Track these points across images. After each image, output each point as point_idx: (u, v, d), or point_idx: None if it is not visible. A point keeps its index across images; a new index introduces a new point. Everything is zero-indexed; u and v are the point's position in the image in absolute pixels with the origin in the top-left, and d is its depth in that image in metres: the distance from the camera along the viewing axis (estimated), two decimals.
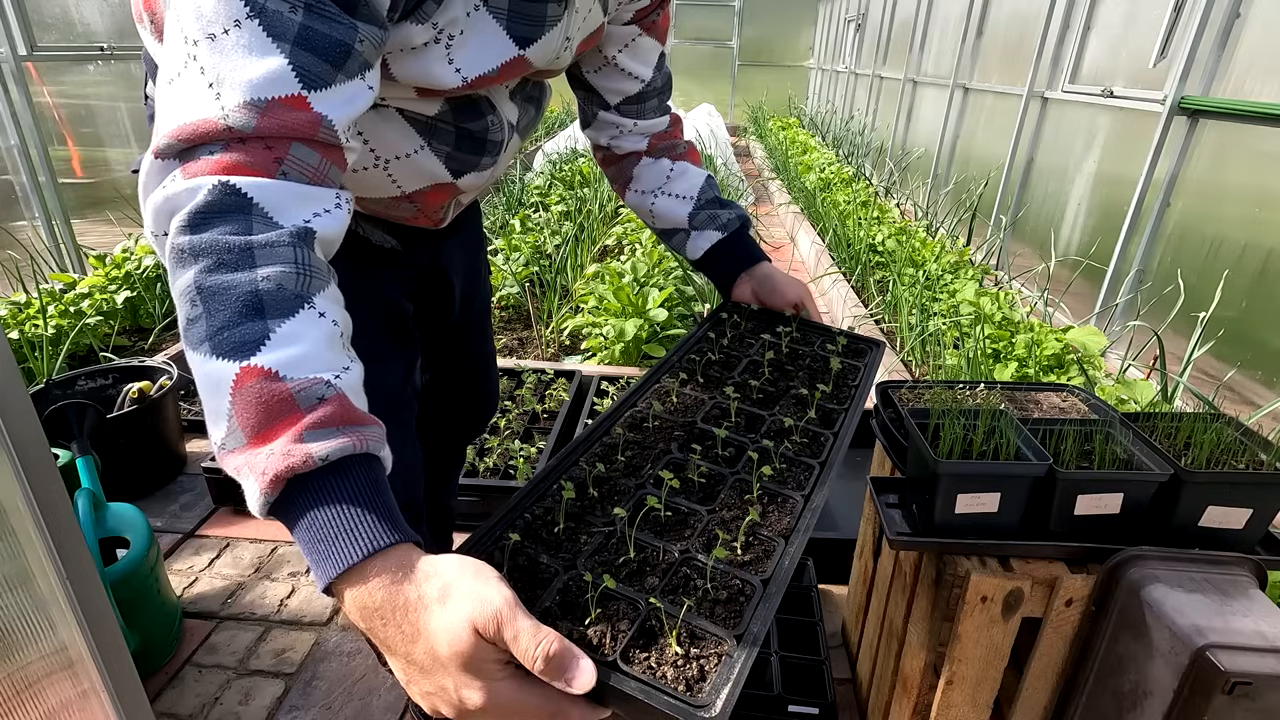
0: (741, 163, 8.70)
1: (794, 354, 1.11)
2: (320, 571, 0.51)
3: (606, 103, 1.14)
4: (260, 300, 0.53)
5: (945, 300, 3.27)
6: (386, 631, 0.51)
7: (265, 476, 0.50)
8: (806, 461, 0.85)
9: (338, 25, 0.60)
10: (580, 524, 0.73)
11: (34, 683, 0.86)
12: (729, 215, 1.17)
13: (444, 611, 0.50)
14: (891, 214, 4.95)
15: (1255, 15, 2.51)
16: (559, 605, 0.63)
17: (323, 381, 0.54)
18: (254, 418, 0.51)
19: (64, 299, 3.01)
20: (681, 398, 0.97)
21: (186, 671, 1.60)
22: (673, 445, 0.86)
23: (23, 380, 0.76)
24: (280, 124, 0.56)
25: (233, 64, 0.56)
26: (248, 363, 0.52)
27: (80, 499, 1.54)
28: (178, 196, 0.55)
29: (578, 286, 3.71)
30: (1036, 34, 3.98)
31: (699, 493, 0.79)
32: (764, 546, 0.71)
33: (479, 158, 0.94)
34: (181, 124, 0.55)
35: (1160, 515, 1.02)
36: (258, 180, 0.56)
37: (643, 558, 0.69)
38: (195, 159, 0.55)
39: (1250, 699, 0.83)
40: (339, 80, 0.60)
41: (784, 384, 1.02)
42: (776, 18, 12.10)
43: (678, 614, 0.61)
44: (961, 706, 1.11)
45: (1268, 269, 2.39)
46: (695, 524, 0.74)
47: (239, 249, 0.54)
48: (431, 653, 0.50)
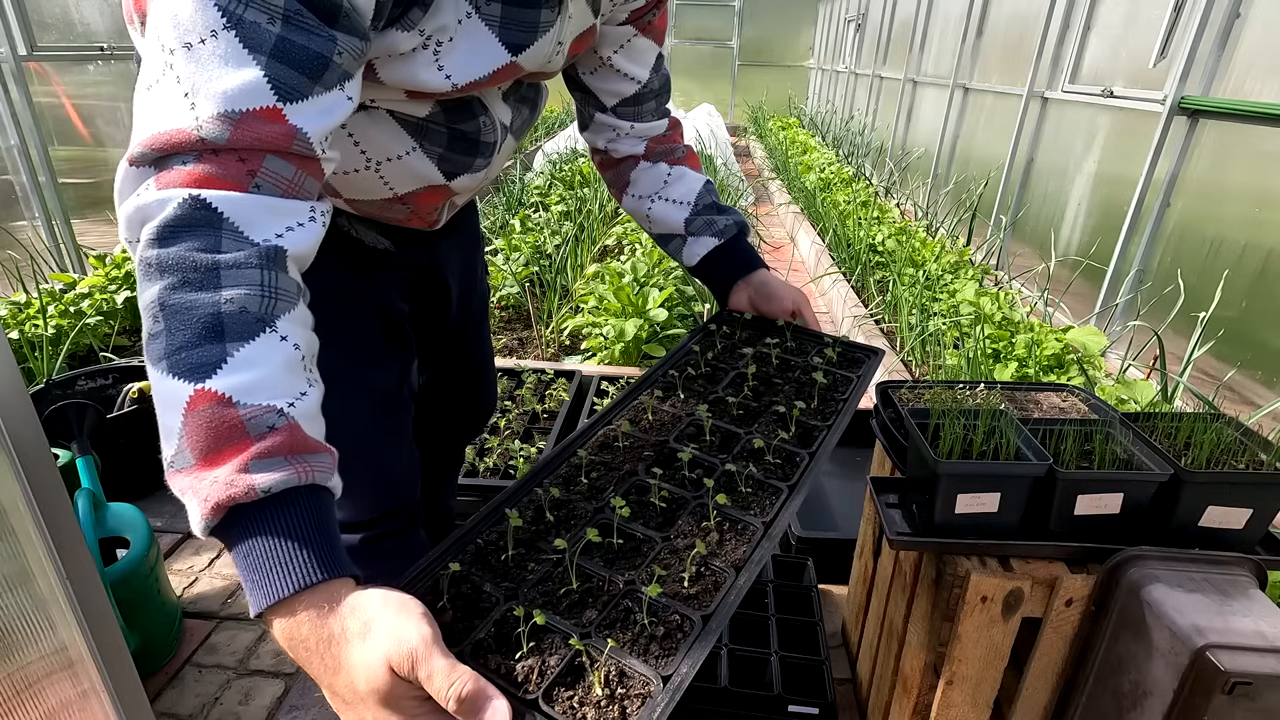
0: (741, 163, 8.70)
1: (784, 365, 1.08)
2: (252, 599, 0.52)
3: (603, 105, 1.13)
4: (221, 322, 0.54)
5: (945, 300, 3.27)
6: (311, 663, 0.52)
7: (207, 503, 0.51)
8: (775, 485, 0.82)
9: (316, 37, 0.59)
10: (531, 550, 0.72)
11: (34, 683, 0.86)
12: (726, 221, 1.15)
13: (363, 647, 0.50)
14: (891, 214, 4.96)
15: (1255, 15, 2.51)
16: (493, 637, 0.62)
17: (275, 410, 0.54)
18: (203, 441, 0.52)
19: (64, 299, 3.01)
20: (658, 414, 0.95)
21: (186, 671, 1.60)
22: (640, 466, 0.84)
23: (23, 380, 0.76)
24: (254, 136, 0.56)
25: (208, 74, 0.55)
26: (202, 386, 0.52)
27: (80, 499, 1.54)
28: (148, 207, 0.55)
29: (578, 286, 3.71)
30: (1036, 34, 3.98)
31: (659, 518, 0.77)
32: (714, 578, 0.69)
33: (472, 159, 0.93)
34: (155, 132, 0.55)
35: (1160, 515, 1.02)
36: (229, 194, 0.55)
37: (587, 588, 0.67)
38: (168, 169, 0.55)
39: (1250, 699, 0.83)
40: (316, 92, 0.60)
41: (768, 399, 0.99)
42: (776, 18, 12.10)
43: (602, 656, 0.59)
44: (961, 706, 1.11)
45: (1268, 269, 2.39)
46: (648, 552, 0.72)
47: (205, 268, 0.54)
48: (351, 687, 0.51)
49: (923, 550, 1.12)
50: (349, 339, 0.98)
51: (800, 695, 1.43)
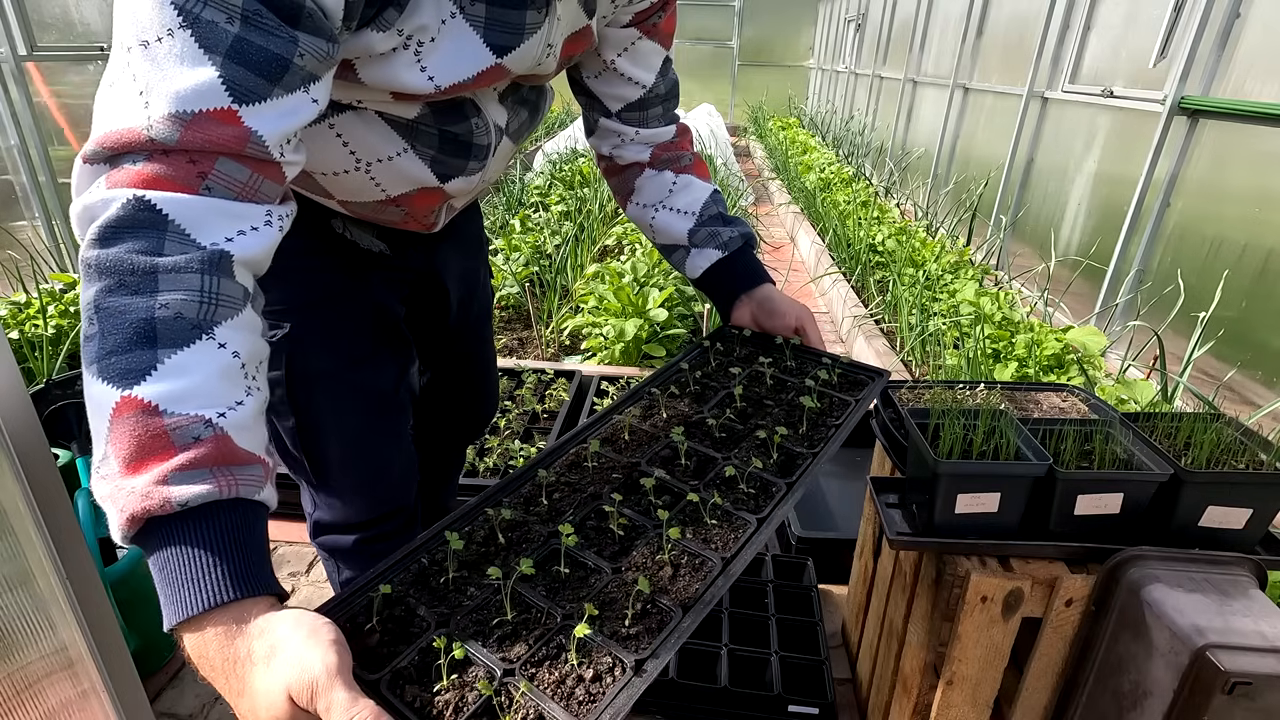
0: (741, 163, 8.70)
1: (779, 386, 1.04)
2: (165, 611, 0.52)
3: (608, 110, 1.10)
4: (154, 328, 0.53)
5: (945, 300, 3.27)
6: (217, 682, 0.52)
7: (123, 514, 0.51)
8: (743, 517, 0.78)
9: (275, 38, 0.58)
10: (475, 572, 0.69)
11: (34, 683, 0.86)
12: (731, 233, 1.12)
13: (266, 673, 0.50)
14: (891, 214, 4.95)
15: (1255, 15, 2.51)
16: (415, 666, 0.60)
17: (203, 420, 0.53)
18: (126, 449, 0.51)
19: (64, 299, 3.01)
20: (635, 434, 0.91)
21: (186, 671, 1.60)
22: (605, 489, 0.81)
23: (23, 380, 0.76)
24: (205, 138, 0.55)
25: (163, 73, 0.54)
26: (128, 392, 0.51)
27: (80, 499, 1.54)
28: (95, 206, 0.54)
29: (578, 286, 3.71)
30: (1036, 34, 3.98)
31: (614, 546, 0.73)
32: (659, 617, 0.65)
33: (465, 162, 0.91)
34: (108, 130, 0.54)
35: (1160, 515, 1.02)
36: (176, 196, 0.54)
37: (524, 619, 0.64)
38: (119, 167, 0.55)
39: (1250, 699, 0.83)
40: (275, 94, 0.58)
41: (754, 421, 0.95)
42: (776, 18, 12.10)
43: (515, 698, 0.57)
44: (961, 706, 1.11)
45: (1268, 269, 2.39)
46: (595, 583, 0.69)
47: (142, 271, 0.53)
48: (253, 711, 0.51)
49: (923, 550, 1.12)
50: (344, 341, 0.99)
51: (800, 695, 1.43)
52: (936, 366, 2.84)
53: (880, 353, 3.11)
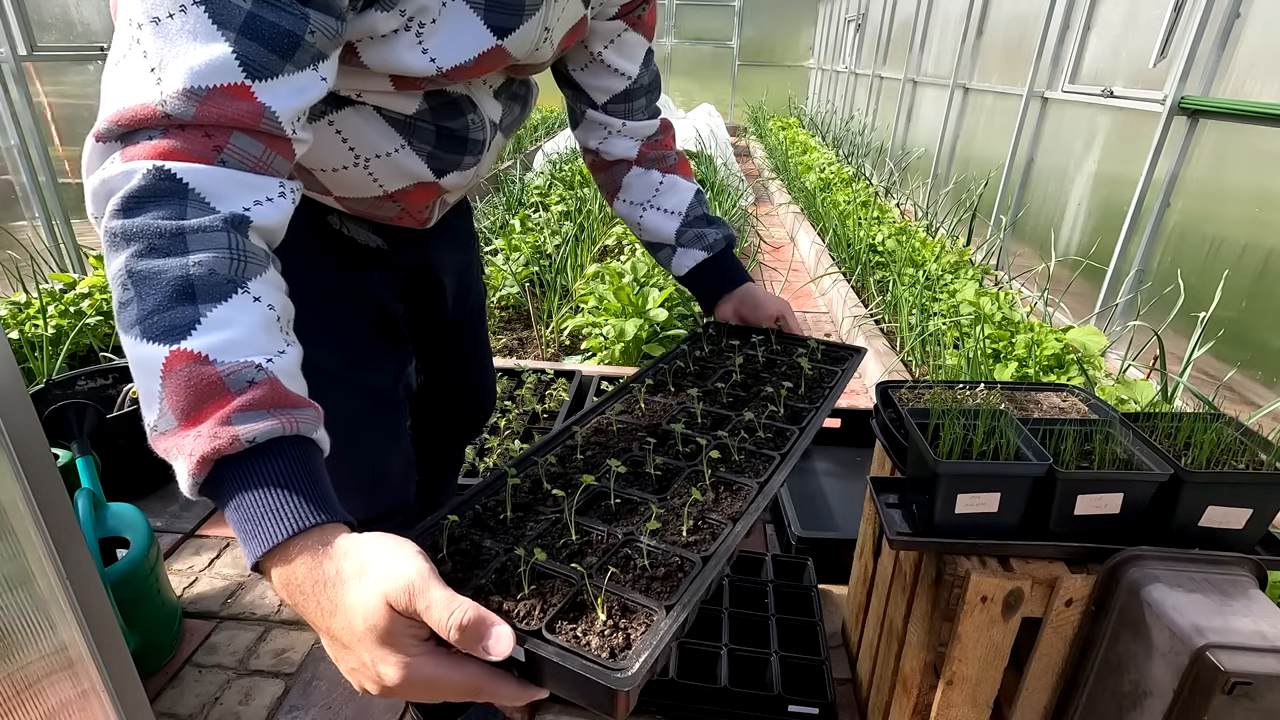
0: (741, 163, 8.70)
1: (771, 363, 1.12)
2: (248, 550, 0.52)
3: (594, 101, 1.13)
4: (191, 285, 0.53)
5: (945, 300, 3.27)
6: (308, 607, 0.52)
7: (192, 458, 0.51)
8: (767, 453, 0.86)
9: (288, 15, 0.58)
10: (530, 513, 0.73)
11: (34, 683, 0.86)
12: (716, 235, 1.17)
13: (360, 586, 0.50)
14: (891, 214, 4.96)
15: (1255, 15, 2.51)
16: (494, 583, 0.63)
17: (253, 365, 0.54)
18: (183, 401, 0.52)
19: (64, 299, 3.01)
20: (650, 405, 0.97)
21: (186, 671, 1.60)
22: (634, 445, 0.87)
23: (23, 380, 0.76)
24: (220, 113, 0.56)
25: (176, 49, 0.55)
26: (177, 346, 0.52)
27: (80, 499, 1.54)
28: (113, 179, 0.54)
29: (578, 286, 3.71)
30: (1036, 34, 3.98)
31: (654, 484, 0.79)
32: (711, 529, 0.72)
33: (461, 156, 0.93)
34: (121, 108, 0.55)
35: (1160, 515, 1.02)
36: (195, 166, 0.55)
37: (586, 540, 0.69)
38: (134, 143, 0.55)
39: (1250, 699, 0.83)
40: (287, 71, 0.59)
41: (756, 388, 1.02)
42: (776, 18, 12.10)
43: (603, 585, 0.61)
44: (961, 706, 1.11)
45: (1268, 269, 2.39)
46: (644, 511, 0.74)
47: (170, 233, 0.54)
48: (348, 628, 0.50)
49: (923, 550, 1.12)
50: (343, 339, 0.98)
51: (800, 695, 1.43)
52: (936, 366, 2.84)
53: (880, 353, 3.11)
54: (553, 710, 1.49)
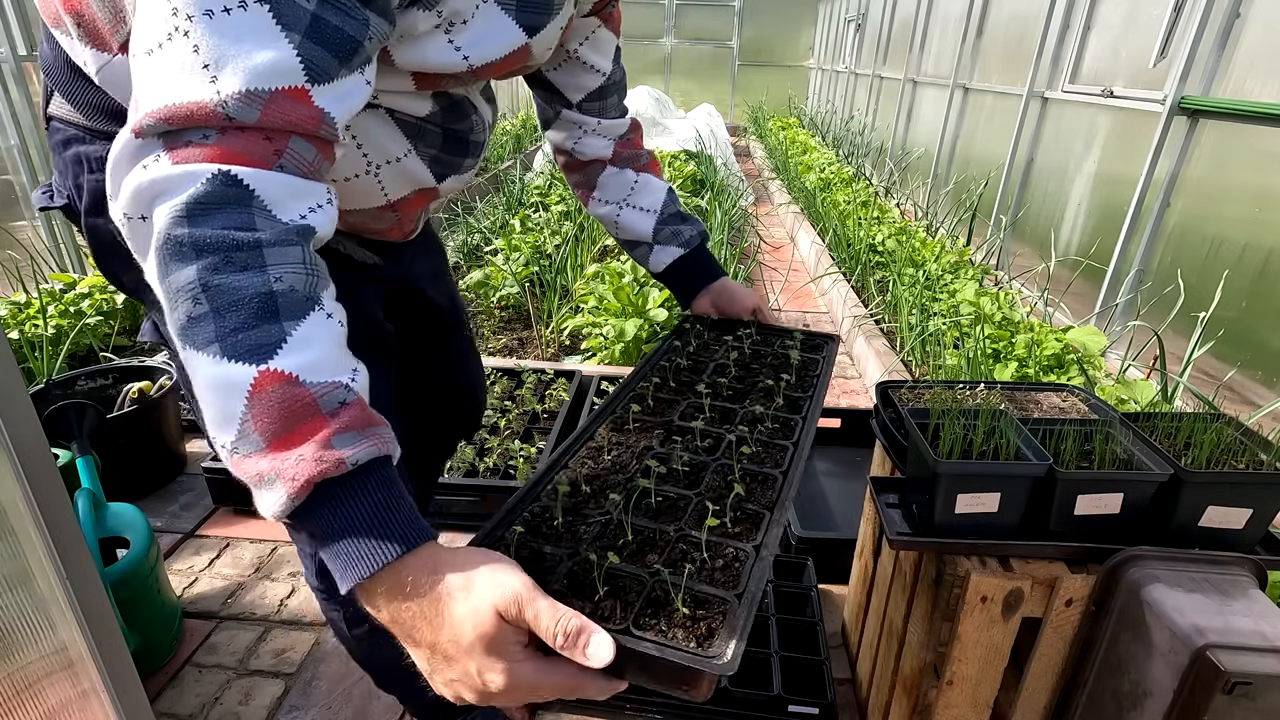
0: (741, 163, 8.70)
1: (756, 354, 1.16)
2: (352, 572, 0.52)
3: (569, 100, 1.15)
4: (275, 301, 0.52)
5: (945, 300, 3.27)
6: (415, 623, 0.53)
7: (295, 482, 0.50)
8: (780, 443, 0.90)
9: (351, 19, 0.57)
10: (577, 517, 0.75)
11: (34, 683, 0.86)
12: (691, 232, 1.21)
13: (468, 599, 0.52)
14: (891, 214, 4.96)
15: (1255, 15, 2.51)
16: (567, 588, 0.64)
17: (342, 386, 0.53)
18: (275, 423, 0.51)
19: (64, 299, 3.01)
20: (658, 401, 1.00)
21: (186, 671, 1.60)
22: (654, 442, 0.90)
23: (23, 380, 0.76)
24: (283, 117, 0.54)
25: (236, 48, 0.52)
26: (266, 366, 0.51)
27: (80, 499, 1.54)
28: (166, 181, 0.51)
29: (578, 286, 3.71)
30: (1036, 34, 3.98)
31: (685, 480, 0.82)
32: (751, 519, 0.75)
33: (462, 159, 0.94)
34: (169, 104, 0.51)
35: (1160, 515, 1.02)
36: (258, 172, 0.53)
37: (641, 539, 0.72)
38: (183, 143, 0.52)
39: (1250, 699, 0.83)
40: (340, 75, 0.58)
41: (751, 380, 1.07)
42: (776, 18, 12.10)
43: (680, 582, 0.64)
44: (961, 706, 1.11)
45: (1268, 269, 2.39)
46: (685, 506, 0.77)
47: (249, 246, 0.52)
48: (456, 640, 0.52)
49: (923, 550, 1.12)
50: None
51: (800, 695, 1.43)
52: (936, 366, 2.84)
53: (880, 352, 3.11)
54: (553, 709, 1.50)
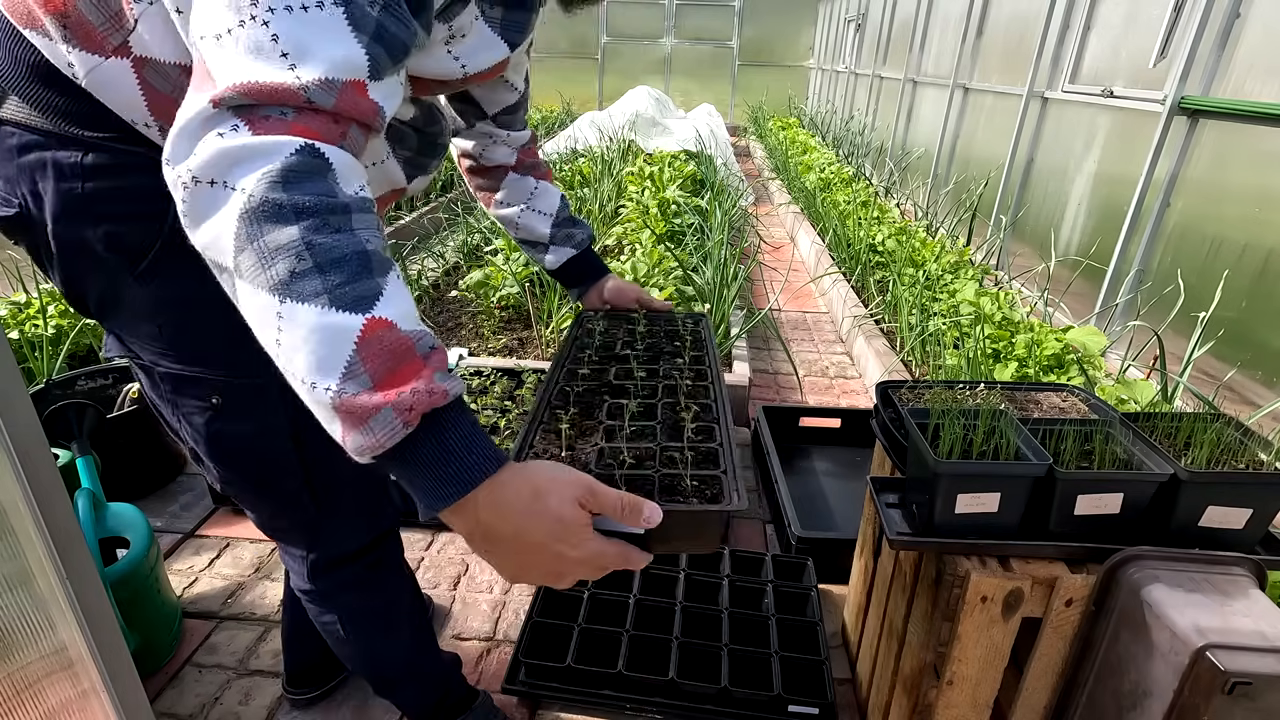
0: (741, 163, 8.70)
1: (651, 331, 1.32)
2: (454, 488, 0.61)
3: (484, 113, 1.24)
4: (369, 258, 0.59)
5: (945, 300, 3.27)
6: (519, 521, 0.63)
7: (412, 412, 0.57)
8: (701, 384, 1.08)
9: (404, 28, 0.65)
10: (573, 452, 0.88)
11: (34, 683, 0.86)
12: (582, 235, 1.34)
13: (555, 493, 0.64)
14: (891, 214, 4.95)
15: (1255, 15, 2.51)
16: None
17: (428, 333, 0.61)
18: (384, 364, 0.57)
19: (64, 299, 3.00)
20: (592, 369, 1.14)
21: (186, 671, 1.60)
22: (605, 396, 1.04)
23: (23, 380, 0.76)
24: (351, 106, 0.61)
25: (316, 40, 0.59)
26: (371, 315, 0.57)
27: (80, 499, 1.54)
28: (252, 150, 0.56)
29: None
30: (1036, 34, 3.98)
31: (642, 415, 0.98)
32: (706, 430, 0.94)
33: (431, 160, 1.02)
34: (251, 81, 0.57)
35: (1160, 515, 1.02)
36: (332, 148, 0.59)
37: (635, 455, 0.87)
38: (262, 118, 0.57)
39: (1250, 699, 0.83)
40: (389, 75, 0.65)
41: (657, 348, 1.24)
42: (776, 18, 12.09)
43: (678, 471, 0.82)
44: (961, 706, 1.11)
45: (1268, 269, 2.39)
46: (652, 431, 0.93)
47: (340, 210, 0.58)
48: (552, 529, 0.63)
49: (923, 550, 1.12)
50: None
51: (800, 695, 1.43)
52: (936, 366, 2.84)
53: (880, 352, 3.11)
54: (554, 708, 1.50)
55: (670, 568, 1.74)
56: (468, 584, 1.88)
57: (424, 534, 2.06)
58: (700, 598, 1.67)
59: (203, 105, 0.57)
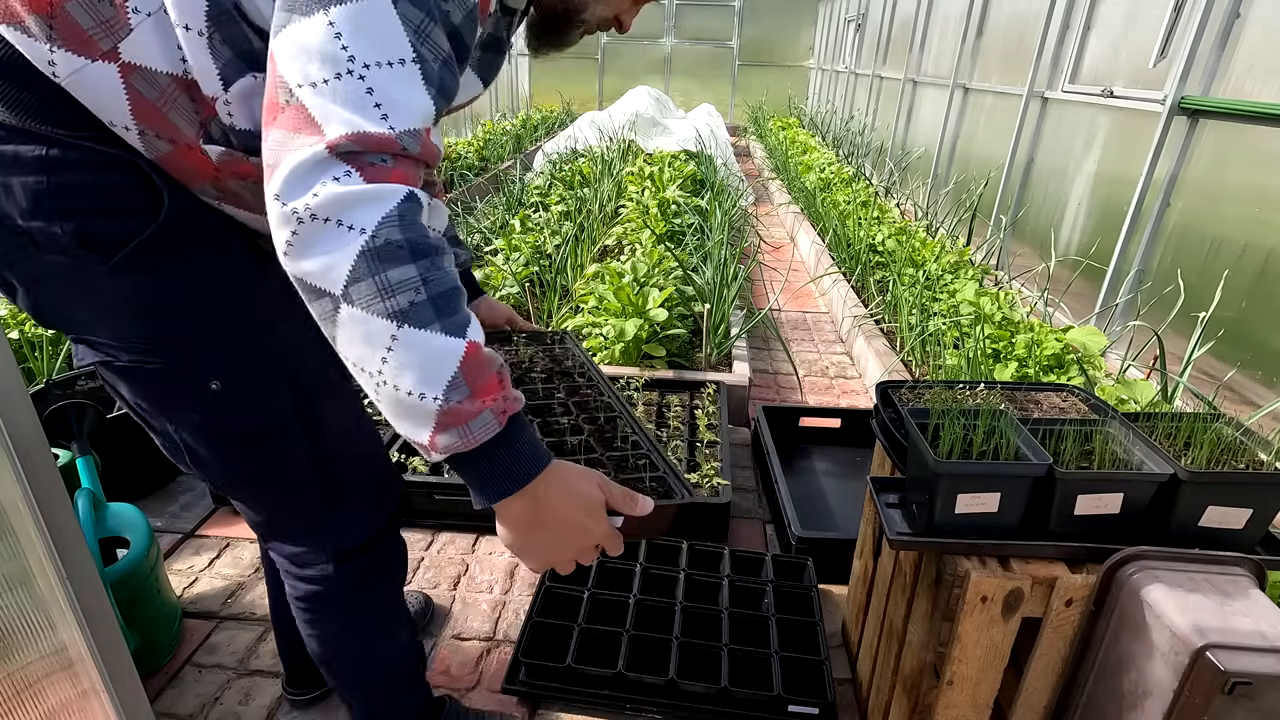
0: (741, 163, 8.70)
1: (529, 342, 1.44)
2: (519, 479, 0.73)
3: None
4: (459, 291, 0.70)
5: (945, 300, 3.27)
6: (565, 503, 0.76)
7: (504, 415, 0.71)
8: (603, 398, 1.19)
9: (454, 80, 0.74)
10: None
11: (34, 683, 0.86)
12: (464, 256, 1.37)
13: (585, 479, 0.78)
14: (891, 214, 4.95)
15: (1255, 15, 2.51)
16: None
17: (496, 354, 0.71)
18: (479, 377, 0.69)
19: None
20: None
21: (186, 671, 1.60)
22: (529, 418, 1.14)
23: (23, 380, 0.76)
24: (427, 151, 0.70)
25: (402, 94, 0.68)
26: (469, 339, 0.68)
27: (80, 499, 1.54)
28: (368, 194, 0.64)
29: (578, 286, 3.71)
30: (1036, 34, 3.98)
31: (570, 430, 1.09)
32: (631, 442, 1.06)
33: None
34: (360, 131, 0.65)
35: (1160, 515, 1.02)
36: (421, 192, 0.69)
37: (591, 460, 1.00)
38: (368, 165, 0.66)
39: (1250, 699, 0.83)
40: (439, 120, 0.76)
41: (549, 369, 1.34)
42: (776, 18, 12.09)
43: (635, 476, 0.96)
44: (961, 706, 1.11)
45: (1268, 269, 2.39)
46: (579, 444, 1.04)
47: (439, 250, 0.68)
48: (584, 504, 0.77)
49: (923, 550, 1.12)
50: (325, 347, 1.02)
51: (800, 695, 1.43)
52: (936, 366, 2.84)
53: (880, 352, 3.11)
54: (554, 708, 1.50)
55: (670, 568, 1.74)
56: (468, 584, 1.88)
57: (424, 534, 2.06)
58: (700, 598, 1.67)
59: (316, 150, 0.64)
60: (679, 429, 2.36)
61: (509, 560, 1.96)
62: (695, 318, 3.10)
